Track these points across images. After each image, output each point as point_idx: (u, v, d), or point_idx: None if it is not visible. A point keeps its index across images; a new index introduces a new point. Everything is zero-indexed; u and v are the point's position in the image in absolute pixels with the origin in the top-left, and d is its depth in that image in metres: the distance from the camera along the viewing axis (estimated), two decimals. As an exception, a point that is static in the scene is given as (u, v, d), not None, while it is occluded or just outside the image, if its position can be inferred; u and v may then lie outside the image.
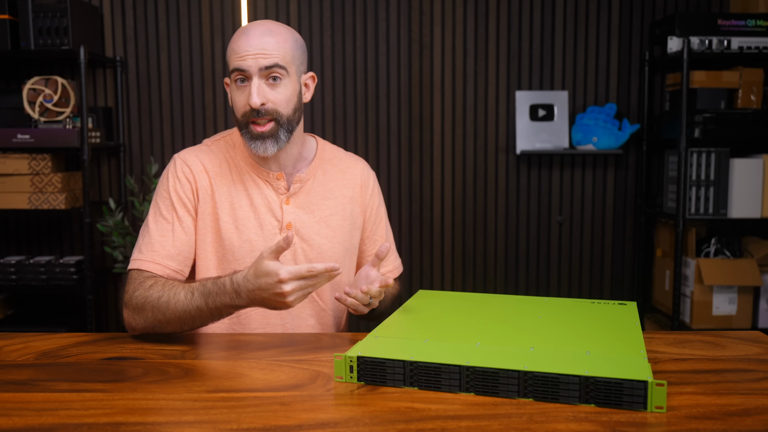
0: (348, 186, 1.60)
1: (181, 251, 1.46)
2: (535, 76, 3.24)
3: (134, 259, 1.45)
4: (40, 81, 2.90)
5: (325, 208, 1.56)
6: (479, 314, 1.39)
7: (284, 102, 1.44)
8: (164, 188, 1.50)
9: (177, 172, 1.50)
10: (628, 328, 1.29)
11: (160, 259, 1.44)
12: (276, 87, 1.43)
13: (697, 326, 3.01)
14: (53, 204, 2.93)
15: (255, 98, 1.40)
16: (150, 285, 1.38)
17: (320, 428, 0.97)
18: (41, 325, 3.06)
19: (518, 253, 3.34)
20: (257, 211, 1.50)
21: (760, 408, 1.03)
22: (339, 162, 1.62)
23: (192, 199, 1.49)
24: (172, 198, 1.48)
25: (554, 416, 1.00)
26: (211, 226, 1.50)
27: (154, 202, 1.51)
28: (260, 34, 1.42)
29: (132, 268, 1.45)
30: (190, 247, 1.49)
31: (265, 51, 1.40)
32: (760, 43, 2.92)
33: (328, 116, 3.24)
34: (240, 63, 1.41)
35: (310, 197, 1.54)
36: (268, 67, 1.40)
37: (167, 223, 1.47)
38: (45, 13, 2.84)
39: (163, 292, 1.35)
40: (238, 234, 1.49)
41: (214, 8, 3.18)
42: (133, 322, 1.39)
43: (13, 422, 0.99)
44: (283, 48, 1.43)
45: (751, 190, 2.97)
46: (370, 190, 1.64)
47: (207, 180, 1.50)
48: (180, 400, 1.08)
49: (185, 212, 1.48)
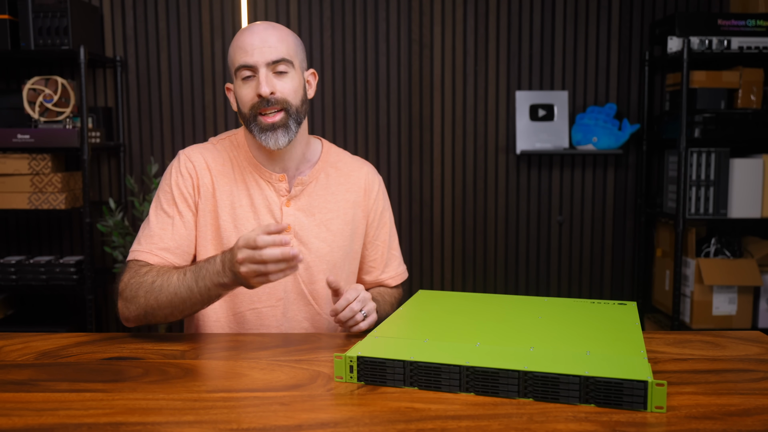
0: (351, 190, 1.60)
1: (179, 245, 1.47)
2: (535, 76, 3.25)
3: (133, 250, 1.47)
4: (40, 81, 2.90)
5: (326, 212, 1.55)
6: (479, 314, 1.39)
7: (292, 92, 1.45)
8: (167, 183, 1.52)
9: (180, 168, 1.51)
10: (628, 328, 1.29)
11: (158, 251, 1.45)
12: (283, 78, 1.44)
13: (697, 326, 3.02)
14: (53, 204, 2.94)
15: (264, 87, 1.41)
16: (145, 272, 1.39)
17: (320, 428, 0.97)
18: (41, 325, 3.07)
19: (518, 253, 3.35)
20: (257, 212, 1.51)
21: (760, 408, 1.03)
22: (344, 165, 1.62)
23: (193, 195, 1.50)
24: (173, 192, 1.49)
25: (554, 416, 1.00)
26: (211, 224, 1.51)
27: (156, 196, 1.52)
28: (264, 29, 1.45)
29: (130, 259, 1.46)
30: (190, 241, 1.49)
31: (271, 45, 1.43)
32: (760, 43, 2.93)
33: (329, 116, 3.25)
34: (247, 58, 1.42)
35: (311, 200, 1.54)
36: (276, 61, 1.43)
37: (168, 217, 1.48)
38: (45, 13, 2.85)
39: (157, 276, 1.36)
40: (236, 233, 1.49)
41: (214, 9, 3.19)
42: (126, 311, 1.40)
43: (13, 422, 1.00)
44: (287, 42, 1.46)
45: (751, 190, 2.98)
46: (374, 195, 1.63)
47: (209, 177, 1.51)
48: (180, 400, 1.08)
49: (186, 207, 1.49)
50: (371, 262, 1.66)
